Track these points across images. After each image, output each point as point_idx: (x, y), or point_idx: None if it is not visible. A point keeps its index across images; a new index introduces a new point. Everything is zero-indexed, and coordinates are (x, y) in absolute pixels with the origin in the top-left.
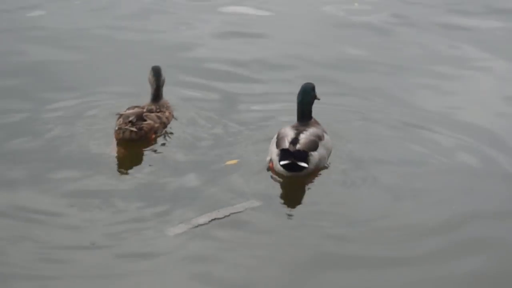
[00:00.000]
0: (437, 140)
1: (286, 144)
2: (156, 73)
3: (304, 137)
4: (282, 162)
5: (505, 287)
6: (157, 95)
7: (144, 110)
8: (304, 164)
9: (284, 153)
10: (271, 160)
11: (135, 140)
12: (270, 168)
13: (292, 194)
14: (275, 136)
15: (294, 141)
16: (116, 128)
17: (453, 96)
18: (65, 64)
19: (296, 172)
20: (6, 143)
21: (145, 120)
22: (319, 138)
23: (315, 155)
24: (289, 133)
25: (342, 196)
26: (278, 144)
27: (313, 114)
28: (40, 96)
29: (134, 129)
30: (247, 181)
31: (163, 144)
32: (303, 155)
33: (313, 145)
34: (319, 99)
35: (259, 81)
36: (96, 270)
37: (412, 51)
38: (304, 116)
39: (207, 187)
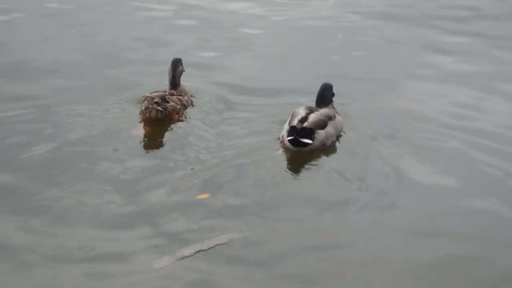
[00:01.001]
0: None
1: (295, 122)
2: (173, 64)
3: (313, 116)
4: (288, 138)
5: None
6: (173, 84)
7: (167, 93)
8: (307, 141)
9: (291, 130)
10: (282, 137)
11: (160, 120)
12: (281, 144)
13: (276, 225)
14: (290, 115)
15: (303, 119)
16: (143, 108)
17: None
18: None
19: (301, 147)
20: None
21: (168, 102)
22: (329, 118)
23: (321, 133)
24: (301, 112)
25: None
26: (290, 122)
27: None
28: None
29: (160, 108)
30: (231, 211)
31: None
32: (309, 132)
33: (321, 123)
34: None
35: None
36: None
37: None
38: (322, 102)
39: (191, 217)
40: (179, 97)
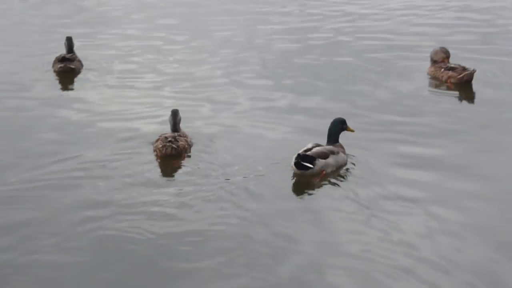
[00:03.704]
0: None
1: (301, 151)
2: (172, 114)
3: (317, 148)
4: (293, 161)
5: None
6: (175, 129)
7: (175, 135)
8: (308, 164)
9: (297, 156)
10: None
11: (174, 156)
12: (292, 168)
13: None
14: None
15: (308, 150)
16: (160, 146)
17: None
18: None
19: (303, 170)
20: None
21: (178, 142)
22: (332, 152)
23: (321, 161)
24: (308, 146)
25: None
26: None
27: None
28: None
29: (175, 146)
30: None
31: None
32: (310, 158)
33: (323, 154)
34: (353, 131)
35: None
36: None
37: None
38: (330, 140)
39: None
40: (185, 138)
